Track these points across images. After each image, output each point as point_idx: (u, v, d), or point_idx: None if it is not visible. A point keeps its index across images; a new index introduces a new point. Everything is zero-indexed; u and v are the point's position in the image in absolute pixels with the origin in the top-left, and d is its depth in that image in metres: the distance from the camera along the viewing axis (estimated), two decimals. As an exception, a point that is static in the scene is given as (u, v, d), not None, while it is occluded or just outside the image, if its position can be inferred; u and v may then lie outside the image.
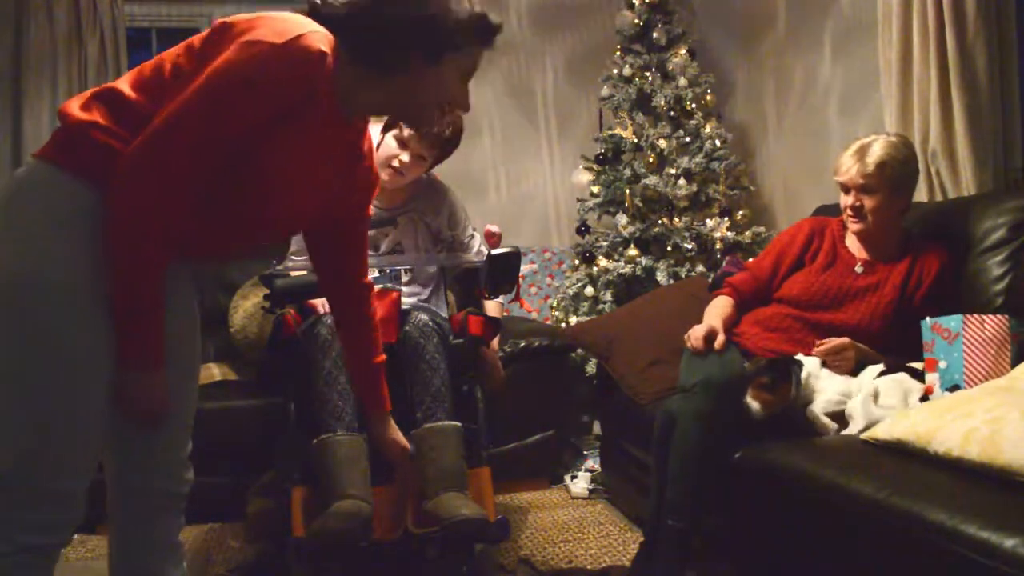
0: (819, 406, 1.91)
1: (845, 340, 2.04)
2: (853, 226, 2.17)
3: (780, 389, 1.89)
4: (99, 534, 2.70)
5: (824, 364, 2.01)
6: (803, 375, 1.93)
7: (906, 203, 2.18)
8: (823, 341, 2.05)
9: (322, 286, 1.66)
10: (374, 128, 2.46)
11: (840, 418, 1.90)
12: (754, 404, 1.86)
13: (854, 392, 1.92)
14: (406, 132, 2.23)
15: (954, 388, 1.80)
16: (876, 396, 1.89)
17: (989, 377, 1.77)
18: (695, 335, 2.08)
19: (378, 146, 2.29)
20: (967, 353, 1.80)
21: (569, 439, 3.35)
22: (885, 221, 2.14)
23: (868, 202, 2.12)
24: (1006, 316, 1.84)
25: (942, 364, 1.84)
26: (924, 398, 1.86)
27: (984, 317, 1.83)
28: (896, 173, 2.10)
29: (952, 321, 1.84)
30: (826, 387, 1.94)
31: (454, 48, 1.30)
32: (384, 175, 2.32)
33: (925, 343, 1.90)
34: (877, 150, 2.10)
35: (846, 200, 2.17)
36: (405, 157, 2.25)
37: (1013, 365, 1.78)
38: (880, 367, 1.96)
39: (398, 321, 2.13)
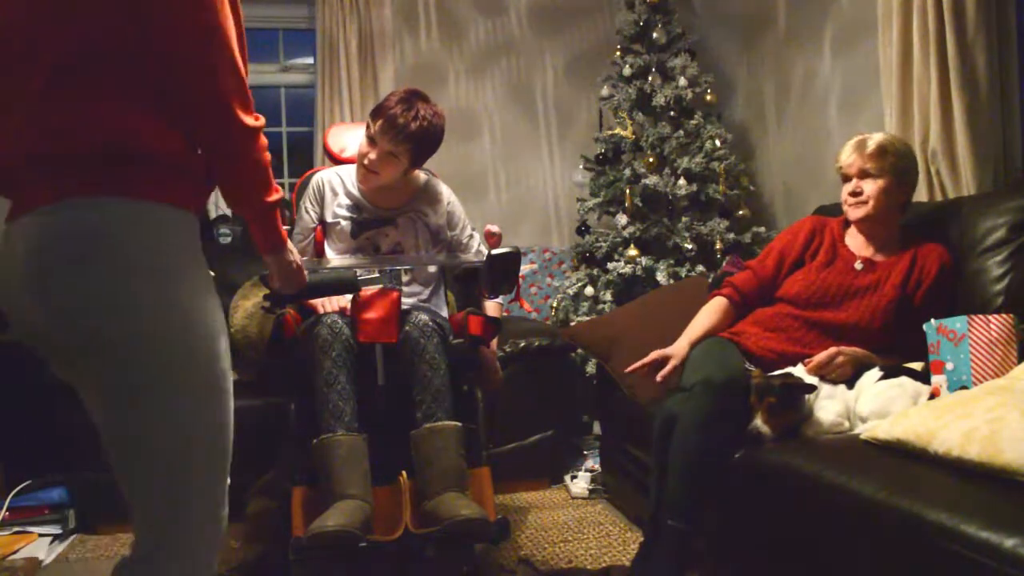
0: (821, 430, 1.90)
1: (832, 349, 2.00)
2: (854, 212, 2.17)
3: (789, 412, 1.88)
4: (99, 534, 2.70)
5: (823, 378, 1.97)
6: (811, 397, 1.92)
7: (905, 198, 2.19)
8: (809, 360, 2.01)
9: None
10: (356, 134, 2.47)
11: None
12: (764, 428, 1.85)
13: (852, 409, 1.92)
14: (373, 128, 2.24)
15: (962, 390, 1.77)
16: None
17: (997, 377, 1.74)
18: (650, 356, 2.17)
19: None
20: (974, 354, 1.78)
21: (569, 439, 3.35)
22: (885, 210, 2.15)
23: (869, 187, 2.14)
24: (1011, 315, 1.82)
25: (948, 366, 1.83)
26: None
27: (989, 317, 1.81)
28: (897, 161, 2.13)
29: (957, 322, 1.82)
30: (825, 406, 1.92)
31: None
32: (359, 175, 2.36)
33: (930, 345, 1.88)
34: (878, 137, 2.17)
35: (847, 188, 2.18)
36: (373, 155, 2.25)
37: (1021, 365, 1.77)
38: (878, 372, 1.95)
39: (398, 321, 2.13)
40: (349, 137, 2.60)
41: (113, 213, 1.12)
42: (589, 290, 3.50)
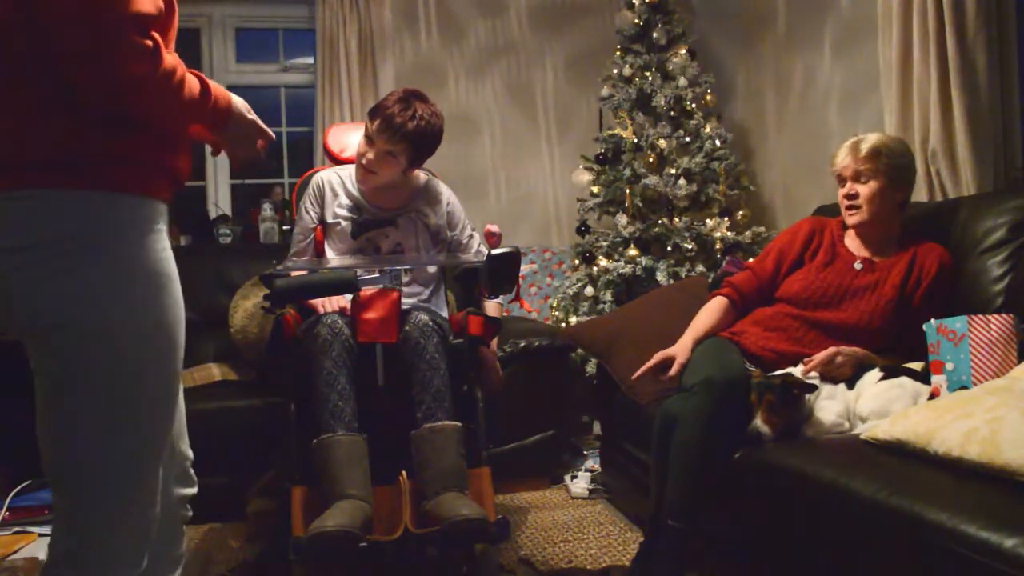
0: (821, 430, 1.90)
1: (831, 349, 2.00)
2: (851, 218, 2.18)
3: (789, 411, 1.88)
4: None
5: (823, 378, 1.97)
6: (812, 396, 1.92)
7: (903, 197, 2.18)
8: (809, 360, 2.01)
9: None
10: (356, 134, 2.47)
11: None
12: (764, 428, 1.85)
13: (852, 409, 1.92)
14: (371, 128, 2.24)
15: (962, 390, 1.77)
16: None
17: (997, 377, 1.74)
18: (655, 358, 2.17)
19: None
20: (974, 354, 1.78)
21: (569, 439, 3.35)
22: (882, 212, 2.14)
23: (863, 190, 2.14)
24: (1012, 315, 1.82)
25: (948, 366, 1.83)
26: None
27: (990, 317, 1.81)
28: (891, 162, 2.12)
29: (957, 322, 1.82)
30: (825, 406, 1.92)
31: None
32: (358, 175, 2.37)
33: (930, 345, 1.88)
34: (871, 139, 2.16)
35: (842, 191, 2.18)
36: (371, 154, 2.26)
37: (1021, 365, 1.77)
38: (878, 372, 1.95)
39: (398, 321, 2.13)
40: (349, 137, 2.60)
41: (26, 202, 1.15)
42: (589, 290, 3.50)
